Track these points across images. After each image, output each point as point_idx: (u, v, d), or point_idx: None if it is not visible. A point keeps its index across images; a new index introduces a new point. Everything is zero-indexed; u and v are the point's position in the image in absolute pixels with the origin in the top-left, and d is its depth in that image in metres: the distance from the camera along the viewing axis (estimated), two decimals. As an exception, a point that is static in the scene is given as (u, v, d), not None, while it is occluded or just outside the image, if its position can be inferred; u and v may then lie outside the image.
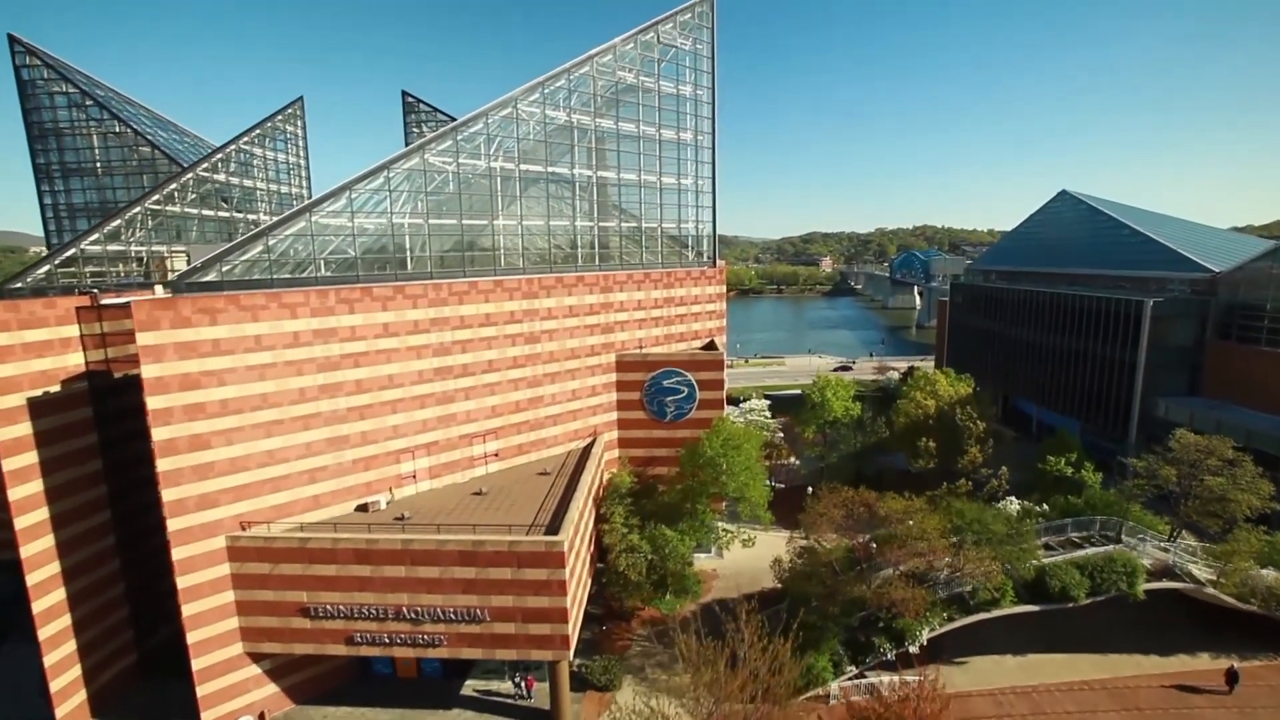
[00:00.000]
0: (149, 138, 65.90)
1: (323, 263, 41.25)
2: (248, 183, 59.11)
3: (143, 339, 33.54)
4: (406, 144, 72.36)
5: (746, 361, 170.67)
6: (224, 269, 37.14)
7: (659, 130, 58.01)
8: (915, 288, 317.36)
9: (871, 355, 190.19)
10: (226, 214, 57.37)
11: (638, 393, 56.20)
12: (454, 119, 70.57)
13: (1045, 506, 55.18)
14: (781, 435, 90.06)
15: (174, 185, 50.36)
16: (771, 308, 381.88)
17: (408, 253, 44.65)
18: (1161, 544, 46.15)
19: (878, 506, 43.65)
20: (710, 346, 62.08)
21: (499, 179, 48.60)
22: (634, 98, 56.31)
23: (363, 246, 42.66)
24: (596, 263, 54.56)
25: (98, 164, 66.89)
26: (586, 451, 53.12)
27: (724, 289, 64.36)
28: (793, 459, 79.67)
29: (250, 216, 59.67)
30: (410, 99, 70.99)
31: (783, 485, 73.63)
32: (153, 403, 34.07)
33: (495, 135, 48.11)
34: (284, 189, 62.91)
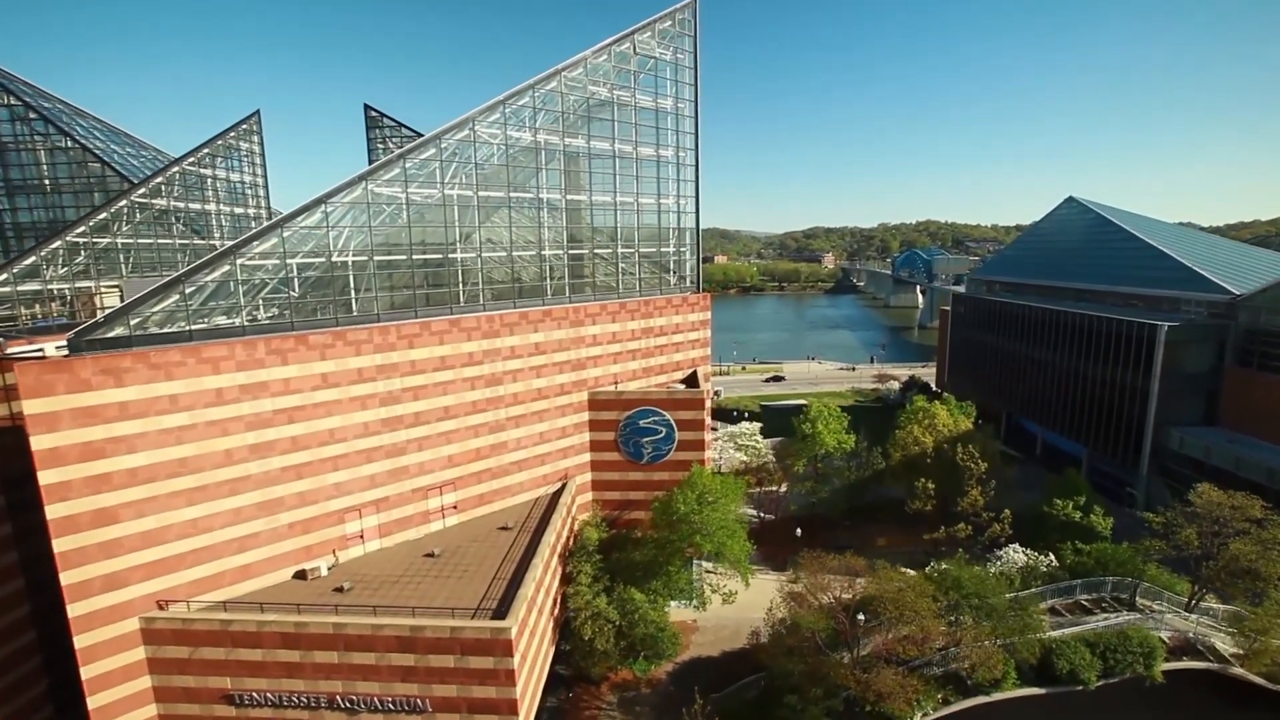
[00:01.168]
0: (98, 153, 61.92)
1: (253, 309, 37.33)
2: (196, 206, 55.14)
3: (31, 407, 29.75)
4: (370, 161, 68.35)
5: (744, 368, 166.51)
6: (133, 322, 33.24)
7: (636, 148, 53.78)
8: (918, 286, 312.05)
9: (872, 360, 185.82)
10: (170, 242, 53.37)
11: (612, 433, 52.32)
12: (420, 134, 66.68)
13: (1052, 557, 51.29)
14: (773, 458, 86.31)
15: (105, 214, 46.45)
16: (773, 306, 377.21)
17: (352, 293, 40.69)
18: (1181, 611, 42.12)
19: (865, 582, 39.63)
20: (692, 379, 58.10)
21: (456, 208, 44.55)
22: (608, 114, 52.07)
23: (300, 289, 38.70)
24: (567, 294, 50.49)
25: (45, 181, 62.99)
26: (555, 498, 49.36)
27: (708, 315, 60.26)
28: (783, 487, 75.71)
29: (202, 242, 55.73)
30: (373, 113, 66.50)
31: (772, 517, 69.84)
32: (46, 477, 30.34)
33: (451, 160, 44.04)
34: (239, 210, 58.96)
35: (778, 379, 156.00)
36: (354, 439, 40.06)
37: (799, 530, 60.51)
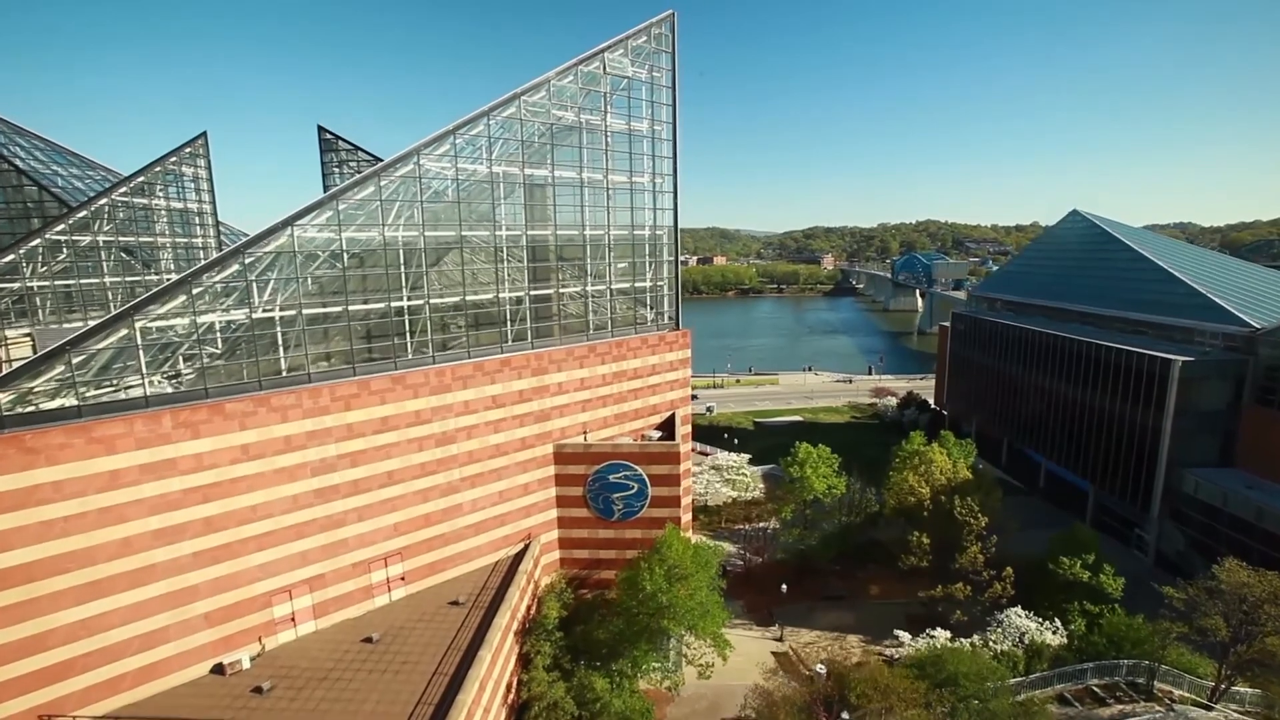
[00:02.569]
0: (33, 176, 57.52)
1: (159, 376, 33.06)
2: (131, 238, 50.76)
3: (-126, 511, 25.50)
4: (324, 187, 63.92)
5: (738, 381, 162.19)
6: (7, 399, 28.97)
7: (608, 175, 49.42)
8: (917, 290, 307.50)
9: (871, 370, 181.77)
10: (97, 281, 48.98)
11: (580, 488, 48.10)
12: (378, 159, 62.28)
13: (1058, 622, 47.15)
14: (763, 490, 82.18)
15: (13, 254, 42.18)
16: (771, 309, 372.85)
17: (280, 352, 36.38)
18: (1205, 704, 37.93)
19: (850, 680, 35.43)
20: (670, 423, 53.81)
21: (401, 251, 40.21)
22: (575, 140, 47.72)
23: (216, 351, 34.43)
24: (530, 339, 46.16)
25: (-31, 208, 58.54)
26: (516, 562, 45.19)
27: (688, 354, 55.92)
28: (773, 523, 71.55)
29: (136, 278, 51.34)
30: (327, 135, 61.99)
31: (759, 559, 65.59)
32: (-105, 589, 26.12)
33: (394, 199, 39.68)
34: (180, 240, 54.61)
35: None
36: (282, 514, 35.81)
37: (784, 586, 56.23)
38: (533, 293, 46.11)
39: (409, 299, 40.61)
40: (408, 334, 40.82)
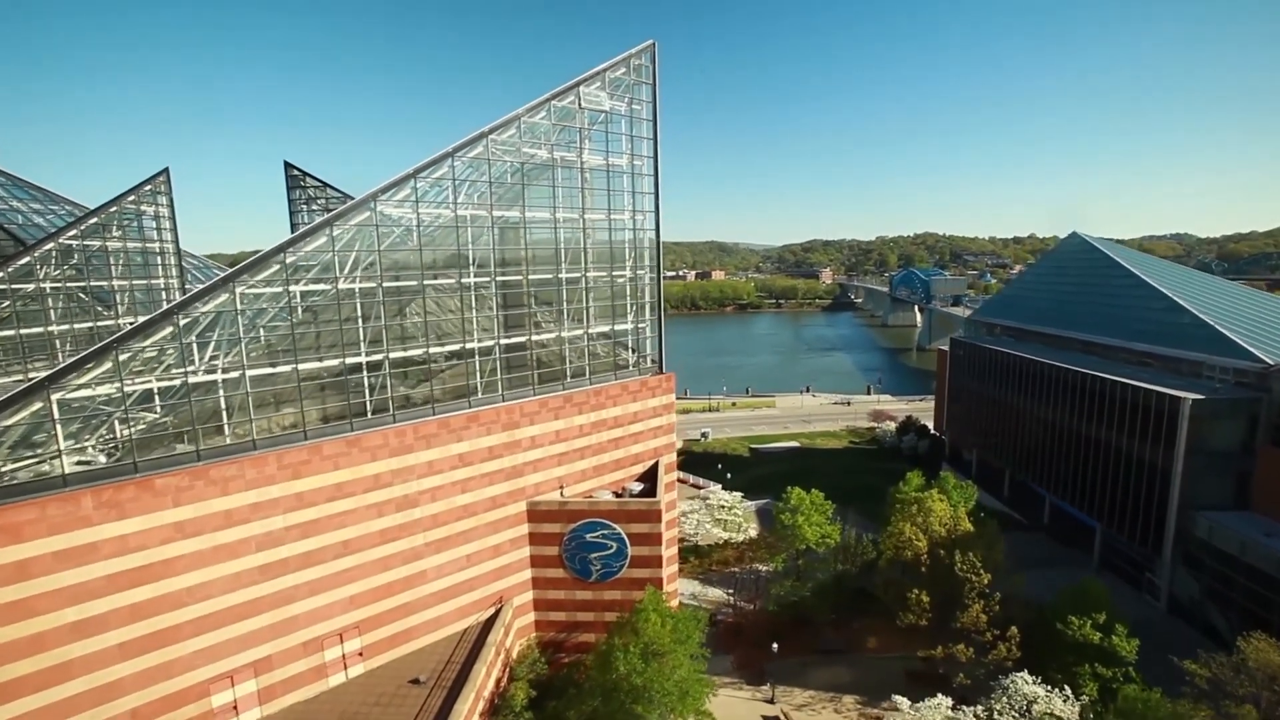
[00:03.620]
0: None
1: (81, 452, 30.28)
2: (78, 284, 48.14)
3: None
4: (292, 224, 61.53)
5: (734, 404, 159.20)
6: (-98, 488, 26.21)
7: (584, 214, 46.95)
8: (916, 306, 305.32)
9: (869, 390, 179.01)
10: (40, 330, 46.29)
11: (555, 547, 45.14)
12: (348, 196, 59.96)
13: (1068, 690, 43.92)
14: (756, 529, 78.97)
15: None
16: (770, 325, 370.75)
17: (224, 418, 33.64)
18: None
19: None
20: (652, 473, 50.89)
21: (359, 302, 37.57)
22: (548, 179, 45.28)
23: (148, 421, 31.69)
24: (500, 391, 43.39)
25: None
26: (487, 628, 42.14)
27: (672, 398, 53.14)
28: (766, 566, 68.31)
29: (85, 326, 48.60)
30: (295, 171, 59.56)
31: (751, 607, 62.28)
32: None
33: (349, 249, 37.14)
34: (139, 283, 52.05)
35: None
36: (222, 595, 32.89)
37: (775, 645, 52.94)
38: (504, 341, 43.40)
39: (367, 354, 37.89)
40: (366, 392, 38.07)
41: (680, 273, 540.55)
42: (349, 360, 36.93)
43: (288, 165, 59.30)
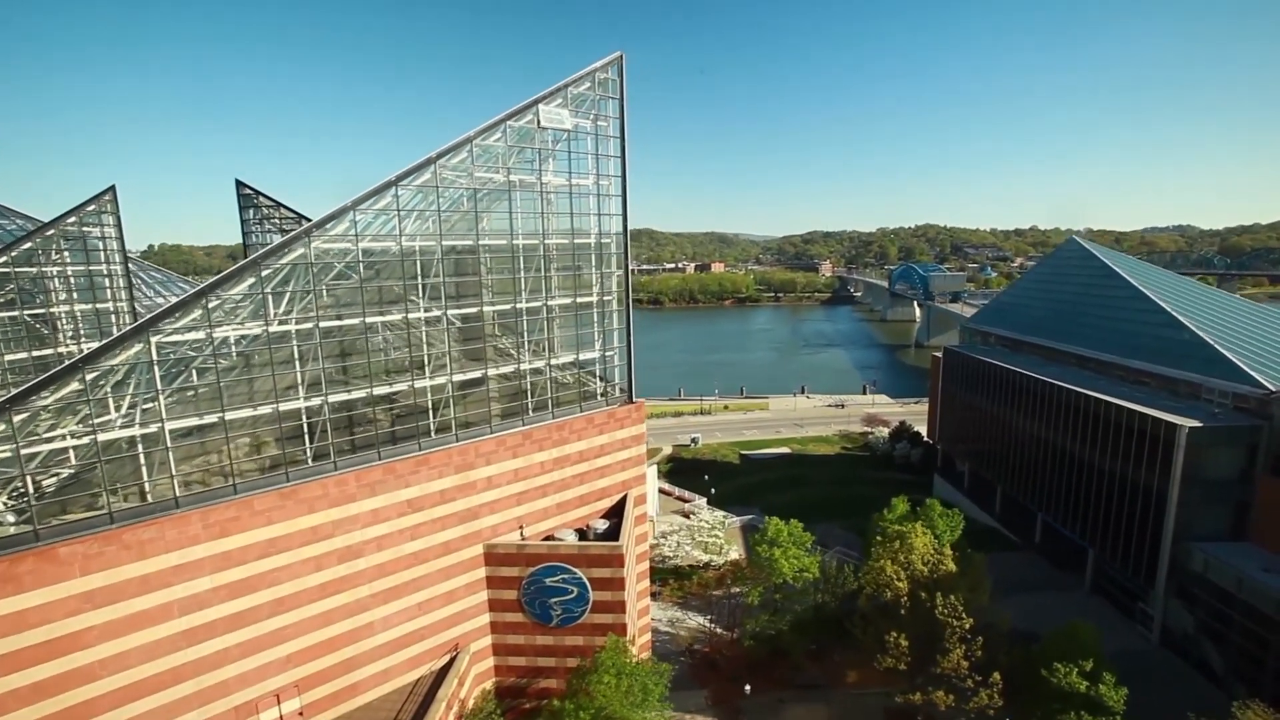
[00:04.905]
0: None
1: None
2: (12, 314, 45.63)
3: None
4: (244, 246, 58.85)
5: (726, 406, 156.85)
6: None
7: (544, 240, 44.30)
8: (915, 301, 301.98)
9: (865, 390, 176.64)
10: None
11: (514, 591, 43.01)
12: (304, 217, 57.22)
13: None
14: (739, 550, 76.75)
15: None
16: (768, 319, 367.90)
17: (144, 475, 31.33)
18: None
19: None
20: (620, 508, 48.62)
21: (295, 345, 35.13)
22: (505, 204, 42.61)
23: (51, 483, 29.42)
24: (454, 430, 41.02)
25: None
26: (440, 678, 40.10)
27: (643, 429, 50.70)
28: (744, 590, 66.02)
29: (24, 355, 46.20)
30: (246, 190, 56.64)
31: (728, 634, 60.21)
32: None
33: (283, 289, 34.64)
34: (84, 308, 49.54)
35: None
36: (139, 665, 30.77)
37: (748, 688, 50.94)
38: (457, 378, 40.95)
39: (305, 399, 35.50)
40: (306, 439, 35.71)
41: (679, 265, 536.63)
42: (284, 407, 34.53)
43: (239, 184, 56.43)
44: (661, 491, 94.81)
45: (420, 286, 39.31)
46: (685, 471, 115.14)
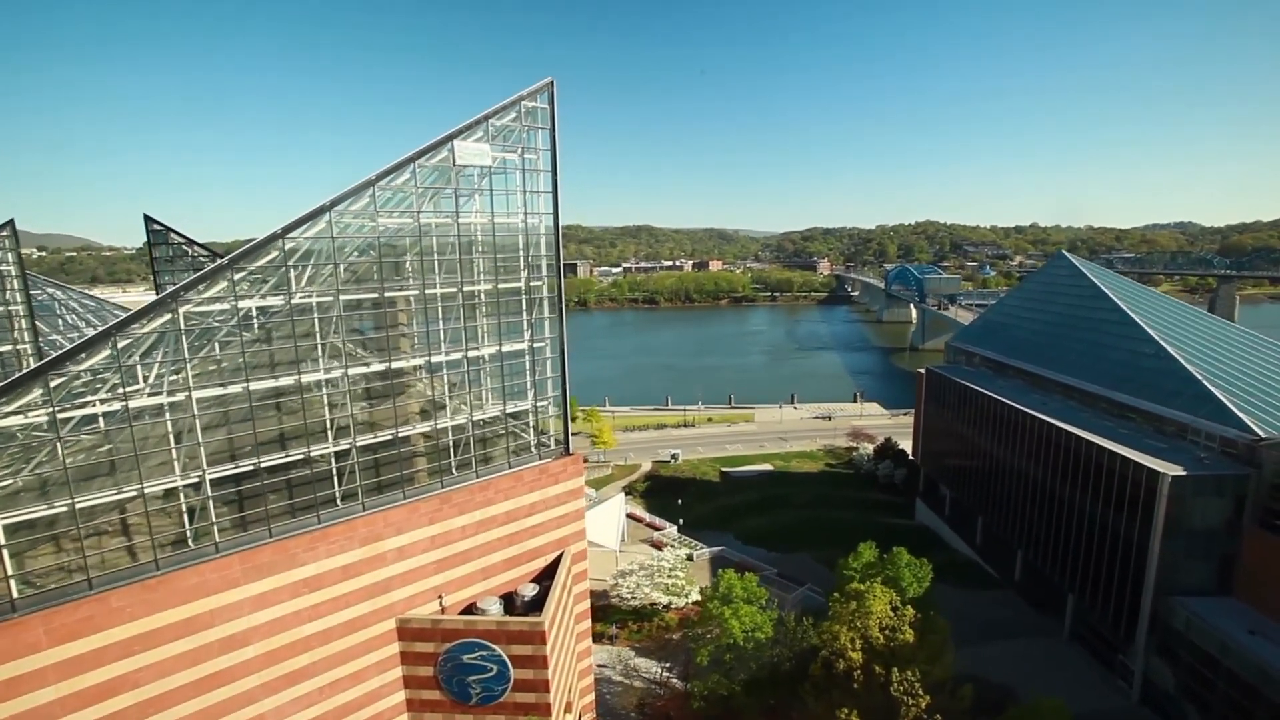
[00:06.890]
0: None
1: None
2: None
3: None
4: (155, 284, 55.37)
5: (710, 419, 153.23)
6: None
7: (461, 288, 40.72)
8: (911, 302, 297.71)
9: (855, 398, 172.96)
10: None
11: (430, 667, 39.76)
12: (215, 255, 53.68)
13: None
14: (698, 595, 72.72)
15: None
16: (763, 319, 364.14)
17: (-22, 570, 28.01)
18: None
19: None
20: (554, 569, 45.25)
21: (168, 420, 31.71)
22: (418, 251, 39.04)
23: None
24: (361, 499, 37.63)
25: None
26: (345, 770, 36.94)
27: (580, 482, 47.33)
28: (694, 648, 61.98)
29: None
30: (156, 226, 52.93)
31: (684, 686, 56.84)
32: None
33: (152, 359, 31.23)
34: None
35: None
36: (-25, 787, 27.56)
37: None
38: (362, 443, 37.52)
39: (182, 478, 32.13)
40: (185, 520, 32.38)
41: (678, 263, 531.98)
42: (149, 490, 31.15)
43: (148, 219, 52.84)
44: (632, 517, 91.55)
45: (318, 347, 35.82)
46: (663, 491, 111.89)
